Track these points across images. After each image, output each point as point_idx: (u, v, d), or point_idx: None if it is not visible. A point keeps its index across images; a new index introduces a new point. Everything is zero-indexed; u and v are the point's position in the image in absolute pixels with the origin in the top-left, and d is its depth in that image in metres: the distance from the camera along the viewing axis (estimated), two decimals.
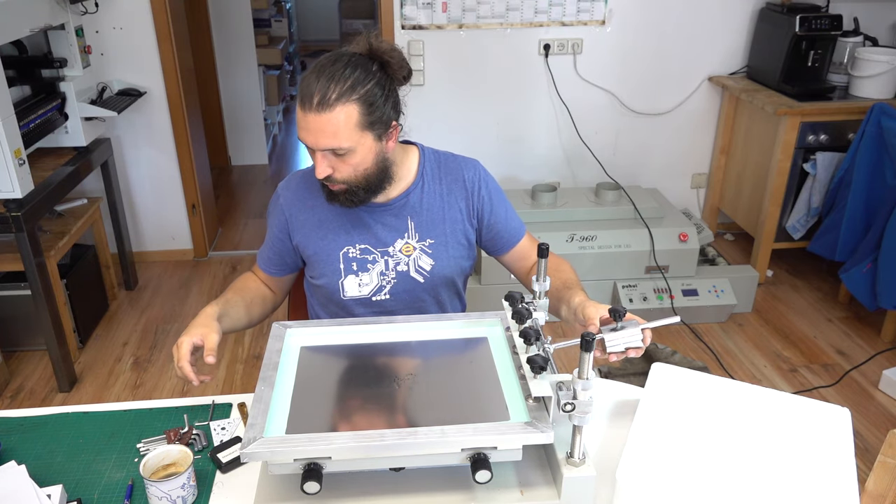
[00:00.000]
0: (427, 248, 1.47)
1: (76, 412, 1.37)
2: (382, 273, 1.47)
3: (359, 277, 1.46)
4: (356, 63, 1.29)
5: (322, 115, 1.25)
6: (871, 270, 2.75)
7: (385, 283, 1.47)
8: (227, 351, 2.89)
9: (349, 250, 1.46)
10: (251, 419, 1.06)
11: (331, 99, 1.25)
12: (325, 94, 1.25)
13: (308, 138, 1.29)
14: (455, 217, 1.49)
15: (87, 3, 2.90)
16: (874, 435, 2.38)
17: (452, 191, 1.49)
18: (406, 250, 1.46)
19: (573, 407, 1.02)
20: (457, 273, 1.52)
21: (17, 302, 2.73)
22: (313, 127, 1.27)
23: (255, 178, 4.88)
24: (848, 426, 1.14)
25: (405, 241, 1.46)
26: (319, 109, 1.25)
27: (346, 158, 1.31)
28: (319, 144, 1.28)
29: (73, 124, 2.82)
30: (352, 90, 1.26)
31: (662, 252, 2.97)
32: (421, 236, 1.47)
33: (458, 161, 1.52)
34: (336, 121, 1.26)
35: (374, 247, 1.46)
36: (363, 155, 1.32)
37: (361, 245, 1.46)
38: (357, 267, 1.46)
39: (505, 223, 1.54)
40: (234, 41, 4.77)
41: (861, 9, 3.34)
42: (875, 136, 2.80)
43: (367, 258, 1.46)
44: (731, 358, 2.82)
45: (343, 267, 1.46)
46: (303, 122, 1.28)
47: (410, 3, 3.21)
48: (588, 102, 3.46)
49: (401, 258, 1.46)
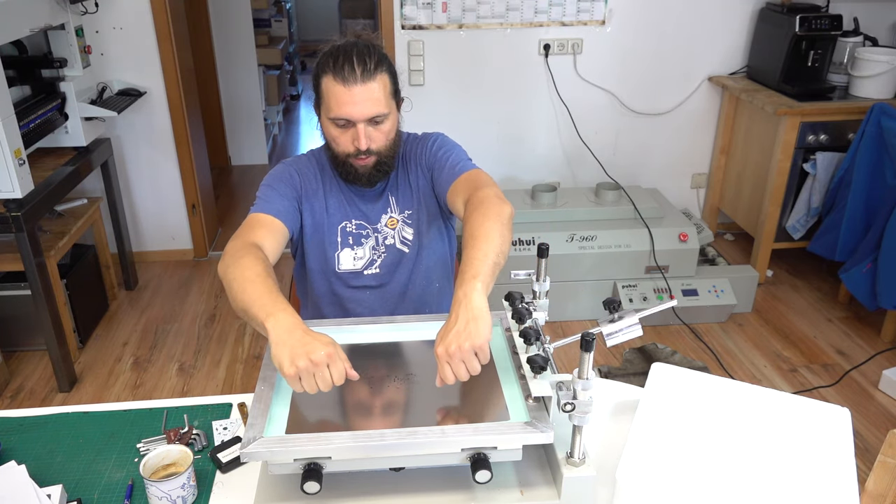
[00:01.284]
0: (407, 218, 1.58)
1: (76, 412, 1.37)
2: (374, 248, 1.57)
3: (353, 251, 1.56)
4: (362, 44, 1.41)
5: (367, 85, 1.37)
6: (871, 270, 2.75)
7: (376, 258, 1.57)
8: (227, 351, 2.89)
9: (346, 225, 1.56)
10: (251, 419, 1.06)
11: (371, 69, 1.37)
12: (365, 65, 1.37)
13: (354, 110, 1.38)
14: (422, 184, 1.57)
15: (87, 3, 2.90)
16: (874, 435, 2.38)
17: (419, 162, 1.57)
18: (391, 224, 1.57)
19: (573, 407, 1.02)
20: (437, 240, 1.61)
21: (17, 302, 2.73)
22: (360, 98, 1.37)
23: (255, 178, 4.88)
24: (848, 426, 1.14)
25: (389, 215, 1.57)
26: (364, 79, 1.36)
27: (381, 126, 1.42)
28: (366, 113, 1.38)
29: (73, 124, 2.82)
30: (381, 62, 1.40)
31: (662, 252, 2.97)
32: (401, 209, 1.58)
33: (421, 136, 1.61)
34: (378, 88, 1.38)
35: (368, 223, 1.57)
36: (392, 122, 1.45)
37: (356, 220, 1.56)
38: (352, 241, 1.56)
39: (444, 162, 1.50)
40: (234, 41, 4.77)
41: (861, 9, 3.34)
42: (875, 136, 2.80)
43: (361, 233, 1.56)
44: (731, 358, 2.82)
45: (340, 240, 1.56)
46: (346, 96, 1.37)
47: (410, 3, 3.21)
48: (588, 102, 3.46)
49: (387, 232, 1.57)
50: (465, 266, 1.15)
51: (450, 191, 1.46)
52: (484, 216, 1.25)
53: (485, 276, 1.13)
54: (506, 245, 1.22)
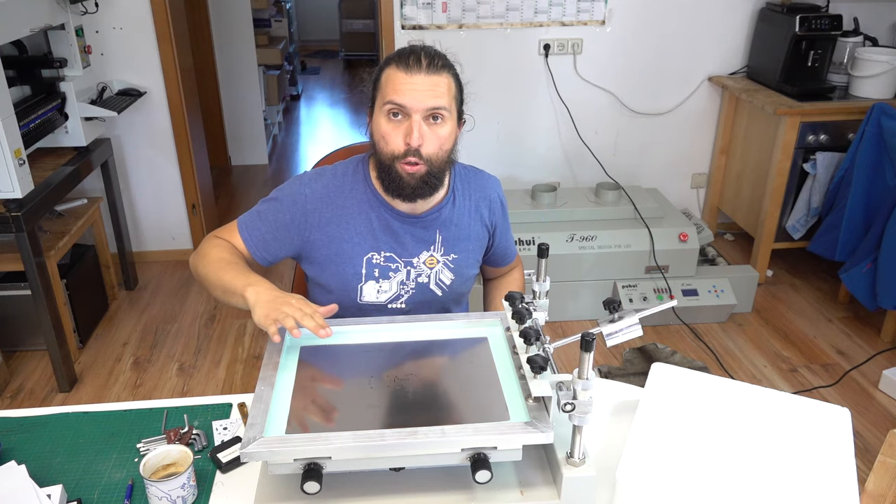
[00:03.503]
0: (450, 262, 1.49)
1: (76, 412, 1.37)
2: (402, 283, 1.47)
3: (379, 284, 1.46)
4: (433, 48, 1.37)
5: (431, 76, 1.31)
6: (871, 270, 2.75)
7: (403, 293, 1.48)
8: (227, 351, 2.89)
9: (374, 256, 1.44)
10: (251, 419, 1.06)
11: (439, 64, 1.32)
12: (433, 59, 1.32)
13: (414, 97, 1.29)
14: (479, 234, 1.52)
15: (87, 3, 2.90)
16: (874, 435, 2.38)
17: (479, 207, 1.51)
18: (430, 263, 1.47)
19: (573, 407, 1.02)
20: (468, 288, 1.57)
21: (17, 302, 2.73)
22: (421, 86, 1.30)
23: (255, 178, 4.88)
24: (848, 426, 1.14)
25: (430, 253, 1.47)
26: (430, 70, 1.31)
27: (437, 128, 1.33)
28: (425, 102, 1.30)
29: (73, 124, 2.82)
30: (449, 66, 1.35)
31: (662, 252, 2.97)
32: (446, 250, 1.48)
33: (485, 177, 1.55)
34: (442, 82, 1.32)
35: (399, 256, 1.46)
36: (451, 129, 1.36)
37: (387, 252, 1.45)
38: (379, 273, 1.45)
39: (506, 246, 1.62)
40: (234, 41, 4.76)
41: (861, 9, 3.34)
42: (875, 136, 2.80)
43: (389, 266, 1.45)
44: (731, 358, 2.82)
45: (365, 272, 1.45)
46: (406, 83, 1.30)
47: (410, 3, 3.21)
48: (588, 102, 3.46)
49: (423, 269, 1.47)
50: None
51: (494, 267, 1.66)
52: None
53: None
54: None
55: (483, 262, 1.62)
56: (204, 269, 1.41)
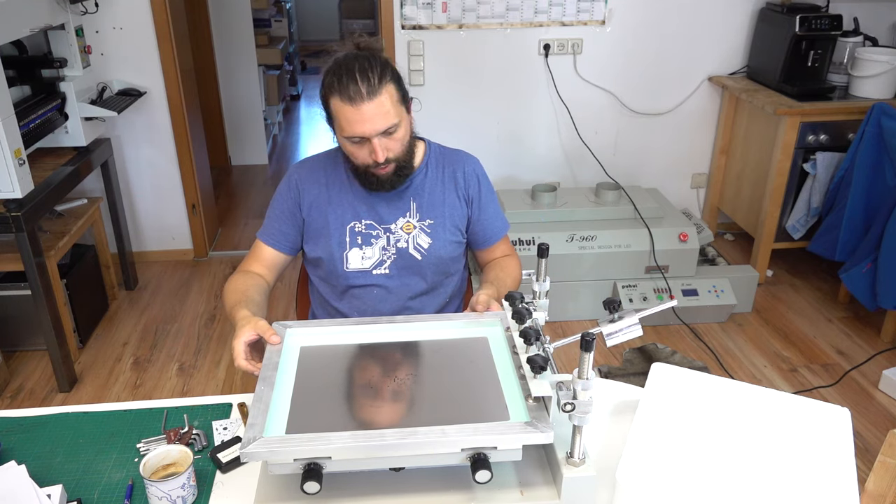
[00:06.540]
0: (426, 227, 1.59)
1: (76, 412, 1.37)
2: (384, 248, 1.58)
3: (362, 251, 1.58)
4: (363, 57, 1.42)
5: (374, 101, 1.39)
6: (871, 270, 2.75)
7: (386, 258, 1.58)
8: (227, 351, 2.89)
9: (355, 225, 1.58)
10: (251, 419, 1.06)
11: (375, 84, 1.39)
12: (370, 82, 1.38)
13: (366, 127, 1.40)
14: (453, 202, 1.61)
15: (87, 3, 2.90)
16: (874, 435, 2.38)
17: (454, 178, 1.62)
18: (407, 228, 1.58)
19: (573, 407, 1.02)
20: (450, 255, 1.62)
21: (17, 302, 2.73)
22: (369, 115, 1.39)
23: (255, 178, 4.88)
24: (848, 426, 1.14)
25: (406, 219, 1.58)
26: (371, 96, 1.38)
27: (395, 135, 1.44)
28: (378, 128, 1.41)
29: (73, 124, 2.82)
30: (383, 73, 1.41)
31: (662, 252, 2.97)
32: (421, 216, 1.59)
33: (461, 154, 1.67)
34: (386, 102, 1.40)
35: (379, 223, 1.58)
36: (405, 128, 1.47)
37: (367, 220, 1.58)
38: (361, 241, 1.58)
39: (490, 221, 1.66)
40: (234, 41, 4.77)
41: (861, 9, 3.34)
42: (875, 136, 2.80)
43: (370, 233, 1.58)
44: (731, 358, 2.82)
45: (349, 240, 1.58)
46: (356, 115, 1.39)
47: (410, 3, 3.21)
48: (588, 102, 3.46)
49: (401, 235, 1.58)
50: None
51: (484, 246, 1.68)
52: (514, 281, 1.62)
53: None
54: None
55: (469, 241, 1.68)
56: (224, 298, 1.57)
